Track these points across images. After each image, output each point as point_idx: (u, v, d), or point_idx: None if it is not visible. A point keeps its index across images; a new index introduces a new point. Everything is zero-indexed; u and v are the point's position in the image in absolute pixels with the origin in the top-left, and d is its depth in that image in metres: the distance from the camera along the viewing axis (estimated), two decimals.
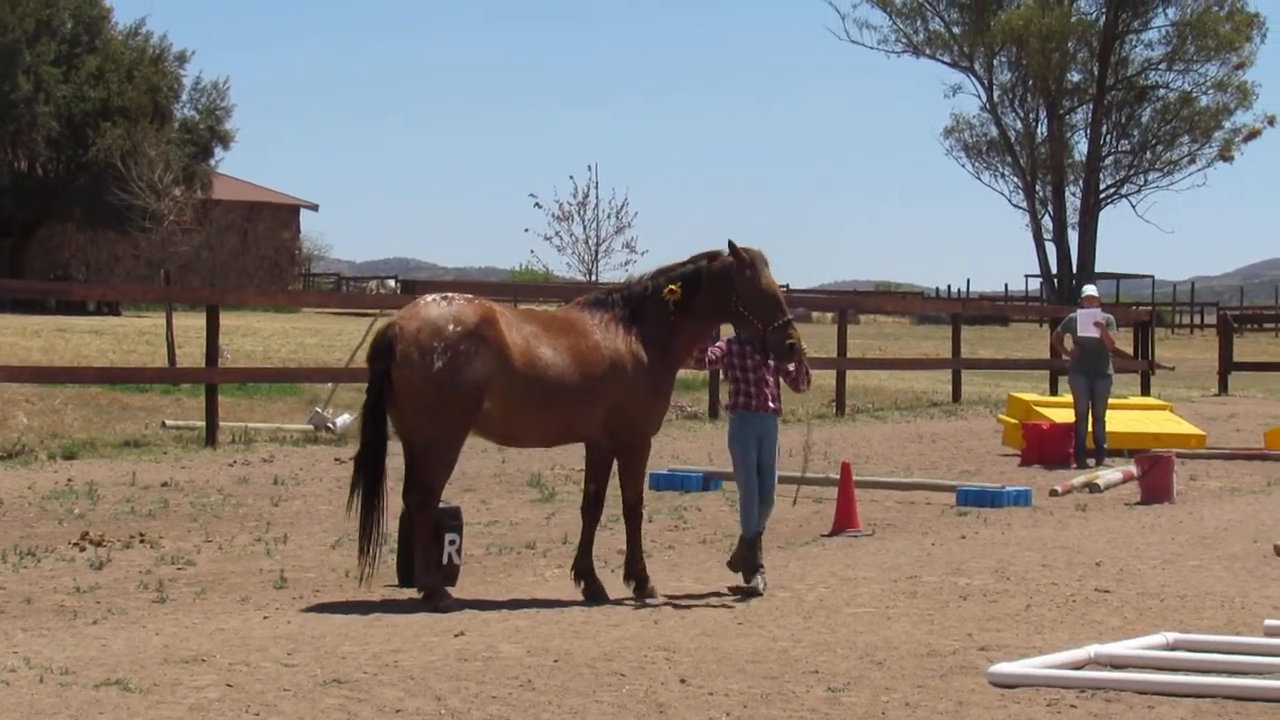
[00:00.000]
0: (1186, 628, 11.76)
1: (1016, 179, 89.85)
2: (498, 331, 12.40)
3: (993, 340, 62.08)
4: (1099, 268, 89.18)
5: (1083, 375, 24.06)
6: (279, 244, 74.26)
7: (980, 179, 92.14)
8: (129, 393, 27.25)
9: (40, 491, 18.28)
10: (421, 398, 12.28)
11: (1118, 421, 25.40)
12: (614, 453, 12.95)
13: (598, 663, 10.39)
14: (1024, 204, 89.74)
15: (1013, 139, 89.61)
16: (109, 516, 16.61)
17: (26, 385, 25.83)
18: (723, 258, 12.91)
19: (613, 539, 15.07)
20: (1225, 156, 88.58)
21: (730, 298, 12.85)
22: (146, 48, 63.78)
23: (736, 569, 13.37)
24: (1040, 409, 26.31)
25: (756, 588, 13.10)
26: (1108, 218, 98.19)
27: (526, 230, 42.08)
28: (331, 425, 24.69)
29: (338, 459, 21.34)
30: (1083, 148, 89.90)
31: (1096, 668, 10.30)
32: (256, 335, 42.90)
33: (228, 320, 38.96)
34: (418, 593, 12.46)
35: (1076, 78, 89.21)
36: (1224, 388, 42.47)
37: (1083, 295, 24.98)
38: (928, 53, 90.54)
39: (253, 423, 25.22)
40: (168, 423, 24.94)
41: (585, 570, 12.87)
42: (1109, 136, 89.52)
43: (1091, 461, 23.55)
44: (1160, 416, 27.53)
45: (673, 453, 23.64)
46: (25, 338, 36.94)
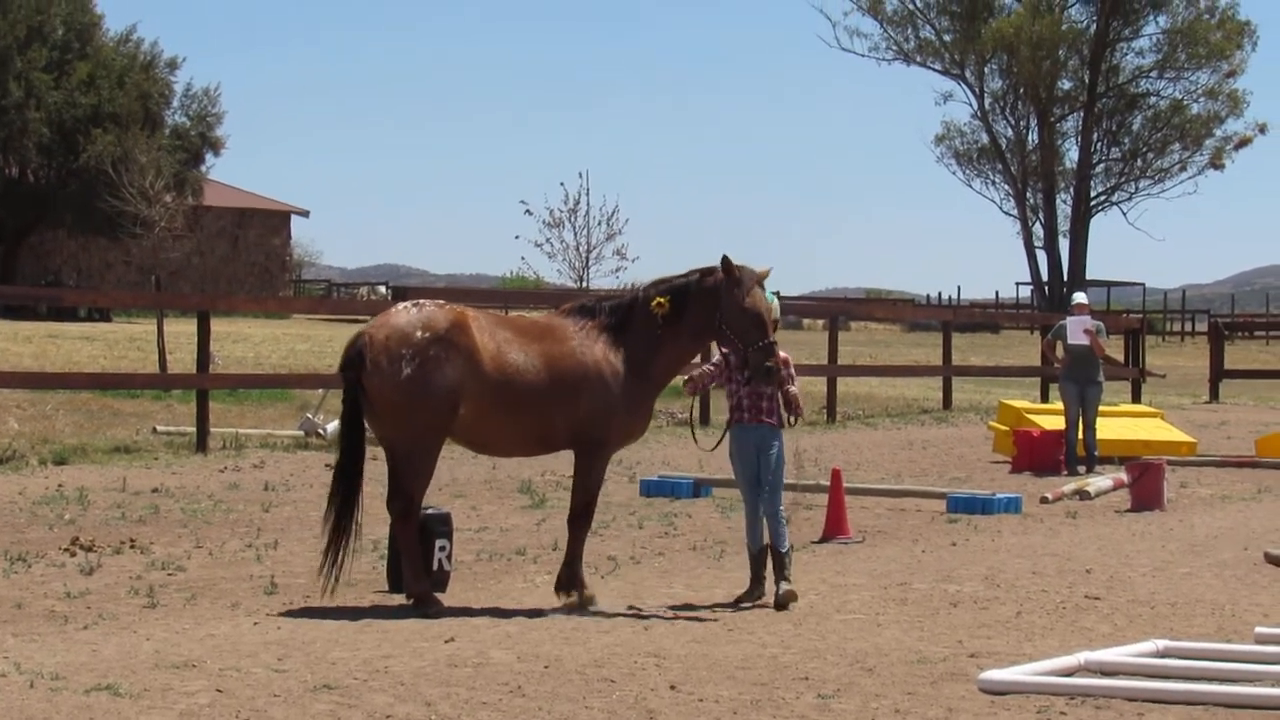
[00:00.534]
0: (1177, 635, 11.77)
1: (1007, 186, 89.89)
2: (468, 336, 12.35)
3: (983, 347, 62.16)
4: (1090, 275, 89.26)
5: (1073, 383, 24.08)
6: (270, 250, 74.22)
7: (971, 186, 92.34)
8: (120, 398, 27.24)
9: (31, 497, 18.27)
10: (393, 405, 12.29)
11: (1109, 429, 25.43)
12: (575, 453, 12.76)
13: (588, 669, 10.39)
14: (1015, 211, 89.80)
15: (1004, 146, 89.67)
16: (100, 522, 16.60)
17: (18, 390, 25.85)
18: (717, 274, 12.72)
19: (603, 545, 15.08)
20: (1216, 164, 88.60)
21: (716, 317, 12.67)
22: (137, 54, 63.81)
23: (757, 593, 12.99)
24: (1031, 416, 26.30)
25: (790, 590, 12.79)
26: (1098, 225, 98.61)
27: (517, 237, 41.99)
28: (322, 431, 24.67)
29: (328, 465, 21.27)
30: (1074, 155, 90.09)
31: (1086, 675, 10.31)
32: (247, 341, 42.90)
33: (218, 326, 38.96)
34: (406, 599, 12.47)
35: (1067, 85, 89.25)
36: (1215, 395, 42.53)
37: (1073, 303, 25.01)
38: (918, 60, 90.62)
39: (243, 428, 25.23)
40: (159, 428, 24.93)
41: (579, 578, 12.80)
42: (1100, 144, 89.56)
43: (1082, 469, 23.57)
44: (1151, 424, 27.56)
45: (663, 459, 23.64)
46: (16, 343, 36.96)
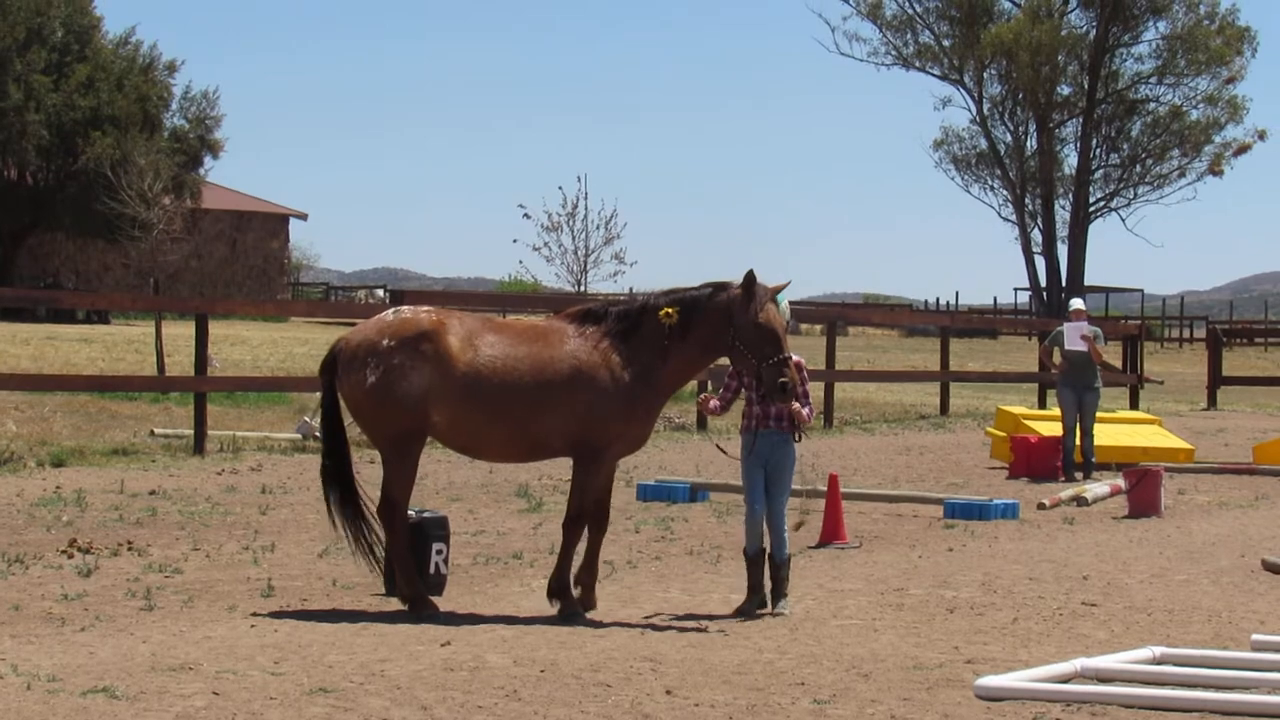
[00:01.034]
0: (1173, 642, 11.77)
1: (1006, 192, 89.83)
2: (438, 344, 12.40)
3: (981, 353, 62.15)
4: (1088, 281, 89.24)
5: (1070, 389, 24.07)
6: (268, 253, 74.17)
7: (969, 191, 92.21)
8: (118, 401, 27.24)
9: (29, 499, 18.27)
10: (361, 411, 12.61)
11: (1106, 435, 25.42)
12: (573, 460, 12.73)
13: (584, 673, 10.39)
14: (1013, 217, 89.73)
15: (1002, 152, 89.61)
16: (97, 524, 16.61)
17: (15, 393, 25.85)
18: (731, 289, 12.55)
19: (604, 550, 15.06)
20: (1215, 171, 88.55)
21: (728, 334, 12.50)
22: (136, 57, 63.78)
23: (750, 611, 12.83)
24: (1028, 422, 26.30)
25: (782, 610, 12.72)
26: (1097, 231, 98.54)
27: (515, 241, 42.60)
28: (319, 434, 24.64)
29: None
30: (1072, 161, 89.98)
31: (1083, 681, 10.31)
32: (245, 344, 42.89)
33: (216, 329, 39.00)
34: (401, 603, 12.49)
35: (1066, 91, 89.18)
36: (1213, 402, 42.49)
37: (1070, 309, 25.02)
38: (917, 65, 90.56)
39: (241, 431, 25.22)
40: (156, 431, 24.93)
41: (566, 587, 12.73)
42: (1099, 150, 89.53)
43: (1079, 475, 23.57)
44: (1149, 431, 27.54)
45: (660, 464, 23.64)
46: (14, 345, 36.96)
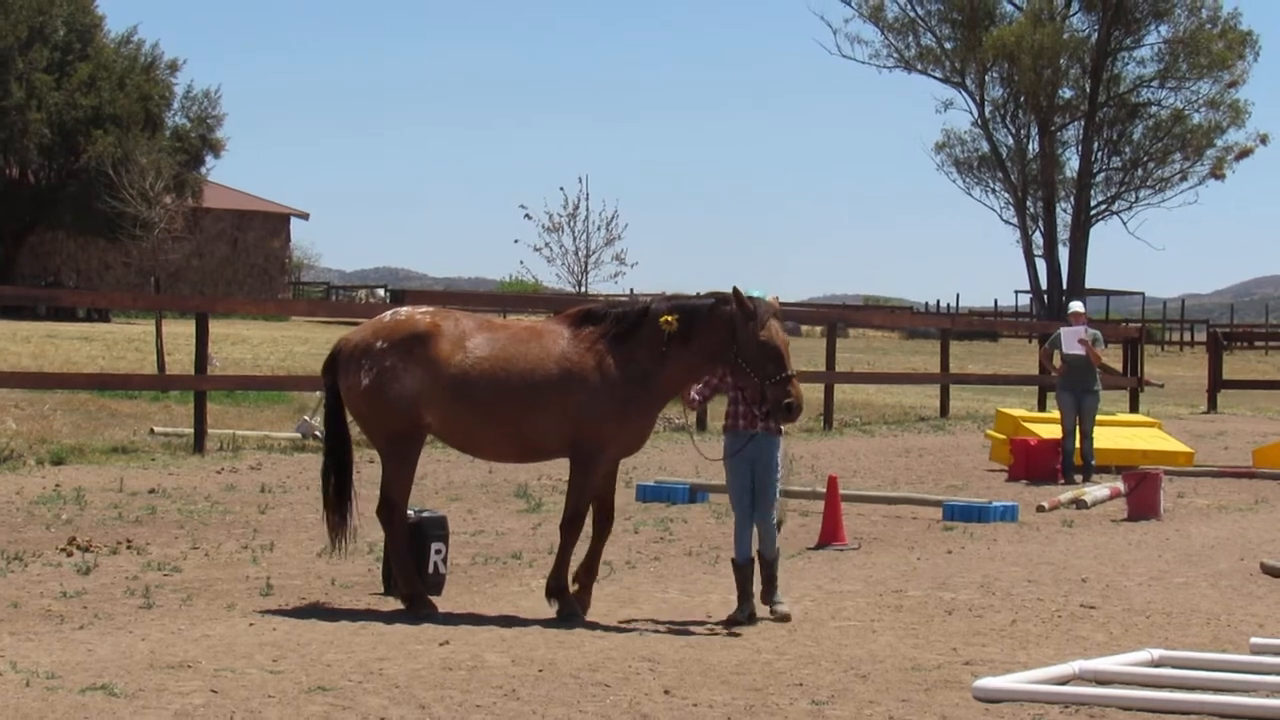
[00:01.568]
0: (1172, 645, 11.77)
1: (1007, 195, 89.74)
2: (429, 346, 12.52)
3: (981, 355, 62.14)
4: (1089, 284, 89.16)
5: (1069, 392, 24.07)
6: (269, 252, 74.15)
7: (971, 194, 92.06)
8: (118, 399, 27.24)
9: (28, 496, 18.27)
10: (358, 412, 12.81)
11: (1106, 438, 25.42)
12: (570, 460, 12.71)
13: (582, 673, 10.39)
14: (1015, 220, 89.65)
15: (1004, 155, 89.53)
16: (96, 522, 16.61)
17: (16, 390, 25.84)
18: (731, 303, 12.50)
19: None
20: (1217, 174, 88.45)
21: (729, 345, 12.45)
22: (138, 56, 63.77)
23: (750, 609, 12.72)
24: (1028, 424, 26.32)
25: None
26: (1098, 234, 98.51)
27: (516, 241, 42.36)
28: (319, 434, 24.62)
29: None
30: (1074, 164, 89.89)
31: (1081, 684, 10.31)
32: (246, 343, 42.89)
33: (217, 328, 39.00)
34: (400, 602, 12.50)
35: (1068, 94, 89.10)
36: (1213, 405, 42.48)
37: (1069, 312, 25.01)
38: (919, 68, 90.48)
39: (241, 430, 25.22)
40: (156, 429, 24.92)
41: (565, 587, 12.71)
42: (1100, 153, 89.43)
43: (1079, 478, 23.57)
44: (1149, 433, 27.54)
45: (659, 465, 23.64)
46: (15, 343, 36.95)
